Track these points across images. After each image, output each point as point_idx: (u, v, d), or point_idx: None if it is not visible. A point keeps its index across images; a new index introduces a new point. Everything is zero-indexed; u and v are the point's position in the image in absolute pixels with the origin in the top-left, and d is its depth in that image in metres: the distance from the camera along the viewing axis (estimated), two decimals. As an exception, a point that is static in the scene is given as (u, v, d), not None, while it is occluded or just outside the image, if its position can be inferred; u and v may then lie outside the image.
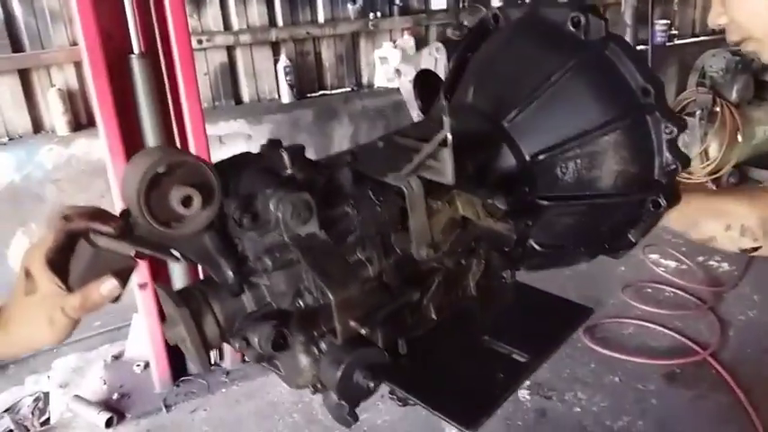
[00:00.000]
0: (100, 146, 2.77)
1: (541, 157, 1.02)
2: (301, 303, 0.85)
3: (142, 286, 2.81)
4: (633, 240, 1.12)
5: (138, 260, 0.79)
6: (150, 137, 2.72)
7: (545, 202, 1.04)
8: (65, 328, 0.80)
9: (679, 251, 3.95)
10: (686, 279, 3.75)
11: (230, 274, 0.81)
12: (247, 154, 0.94)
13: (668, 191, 1.04)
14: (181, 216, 0.77)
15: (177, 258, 0.81)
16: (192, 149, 2.79)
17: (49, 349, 3.36)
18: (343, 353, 0.78)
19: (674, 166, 1.02)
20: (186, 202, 0.76)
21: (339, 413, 0.85)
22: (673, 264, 3.93)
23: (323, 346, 0.86)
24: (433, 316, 1.03)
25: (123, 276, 0.79)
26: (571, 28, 1.04)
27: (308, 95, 4.14)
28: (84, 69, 3.10)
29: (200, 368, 0.84)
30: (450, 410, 0.94)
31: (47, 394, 2.97)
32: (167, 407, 2.89)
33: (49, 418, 2.81)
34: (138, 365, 3.04)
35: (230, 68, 3.86)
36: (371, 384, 0.80)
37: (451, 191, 0.88)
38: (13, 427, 2.70)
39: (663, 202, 1.04)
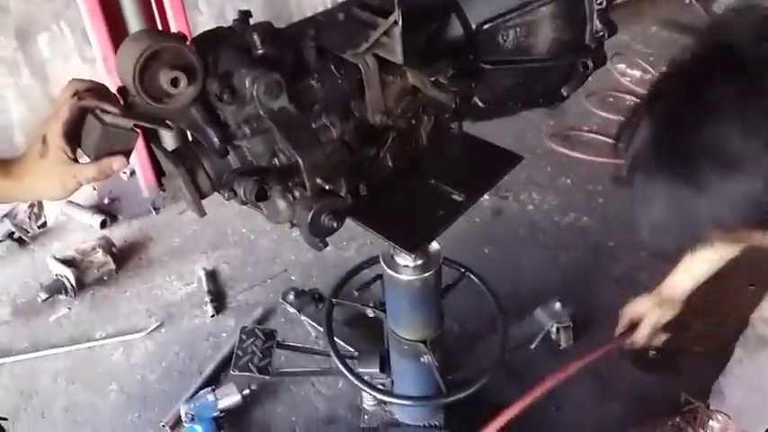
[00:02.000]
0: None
1: (486, 26, 1.14)
2: (277, 162, 1.03)
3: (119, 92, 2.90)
4: (565, 95, 1.29)
5: (138, 132, 0.95)
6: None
7: (487, 66, 1.18)
8: (72, 189, 0.97)
9: (646, 61, 4.04)
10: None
11: (216, 140, 0.97)
12: (221, 29, 1.04)
13: (596, 55, 1.19)
14: (170, 94, 0.91)
15: (171, 128, 0.96)
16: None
17: None
18: (312, 201, 0.99)
19: (602, 33, 1.16)
20: (174, 82, 0.90)
21: (311, 241, 1.09)
22: (638, 73, 4.04)
23: (296, 193, 1.06)
24: (390, 164, 1.23)
25: (128, 152, 0.95)
26: None
27: None
28: None
29: (197, 213, 1.04)
30: (396, 237, 1.18)
31: (40, 201, 3.20)
32: (156, 209, 3.16)
33: (45, 222, 3.07)
34: (125, 173, 3.23)
35: None
36: (335, 224, 1.02)
37: (402, 67, 1.01)
38: (13, 228, 2.96)
39: (590, 64, 1.19)
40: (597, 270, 2.71)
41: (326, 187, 0.97)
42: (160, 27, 2.87)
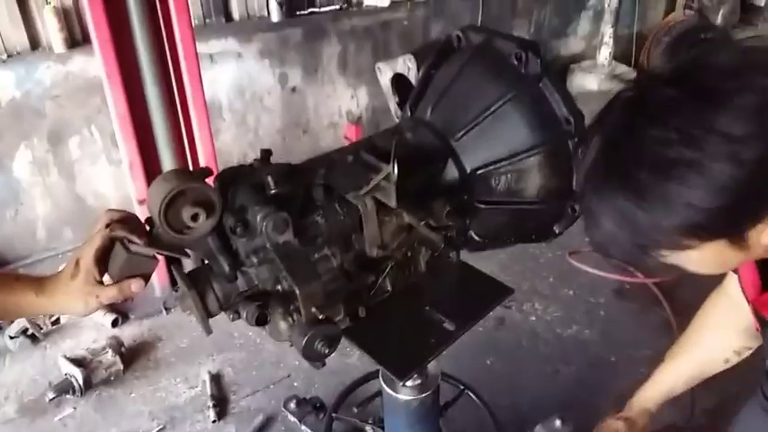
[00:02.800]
0: (95, 63, 2.92)
1: (479, 171, 1.26)
2: (279, 288, 1.12)
3: (141, 202, 3.06)
4: (558, 231, 1.38)
5: (158, 258, 1.05)
6: (144, 57, 2.85)
7: (481, 206, 1.29)
8: (94, 308, 1.09)
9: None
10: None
11: (226, 267, 1.07)
12: (243, 167, 1.17)
13: (583, 202, 1.29)
14: (190, 227, 1.02)
15: (188, 256, 1.07)
16: (184, 69, 2.94)
17: (54, 254, 3.68)
18: (306, 328, 1.06)
19: (587, 183, 1.27)
20: (195, 217, 1.01)
21: (310, 361, 1.15)
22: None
23: (296, 316, 1.14)
24: (389, 288, 1.31)
25: (148, 275, 1.06)
26: (514, 61, 1.25)
27: (298, 13, 4.18)
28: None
29: (205, 331, 1.12)
30: (388, 362, 1.25)
31: None
32: (167, 309, 3.25)
33: (58, 319, 3.15)
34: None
35: (221, -16, 3.90)
36: (327, 350, 1.09)
37: (397, 209, 1.12)
38: (28, 325, 3.03)
39: (578, 208, 1.29)
40: (598, 386, 2.71)
41: (321, 316, 1.05)
42: (184, 129, 3.05)
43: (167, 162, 3.02)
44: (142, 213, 3.09)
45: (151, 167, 3.00)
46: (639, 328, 3.09)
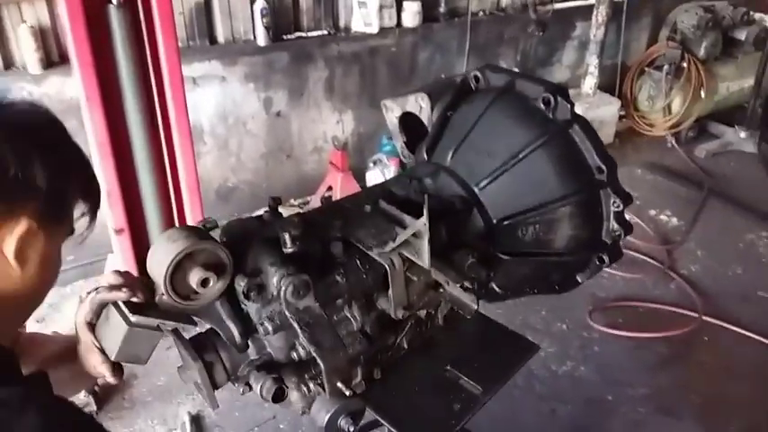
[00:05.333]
0: (73, 84, 2.77)
1: (506, 222, 1.17)
2: (295, 356, 1.01)
3: (119, 231, 2.91)
4: (580, 281, 1.30)
5: (162, 331, 0.93)
6: (126, 79, 2.72)
7: (505, 257, 1.20)
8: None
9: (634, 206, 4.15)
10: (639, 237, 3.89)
11: (238, 337, 0.96)
12: (250, 221, 1.07)
13: (612, 251, 1.21)
14: (198, 293, 0.91)
15: (195, 324, 0.95)
16: (168, 93, 2.82)
17: None
18: (329, 404, 0.95)
19: (618, 233, 1.19)
20: (204, 283, 0.90)
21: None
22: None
23: (311, 386, 1.03)
24: (405, 347, 1.21)
25: (150, 351, 0.94)
26: (542, 105, 1.17)
27: (284, 37, 4.09)
28: (61, 14, 3.04)
29: (210, 406, 1.00)
30: None
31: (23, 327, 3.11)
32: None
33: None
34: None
35: (206, 7, 3.77)
36: (352, 427, 0.98)
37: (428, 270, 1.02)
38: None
39: (607, 259, 1.21)
40: (596, 426, 2.64)
41: (346, 393, 0.94)
42: (167, 154, 2.89)
43: (147, 189, 2.88)
44: (120, 243, 2.97)
45: (130, 194, 2.85)
46: (635, 365, 3.03)
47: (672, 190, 4.65)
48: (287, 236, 0.96)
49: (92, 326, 0.94)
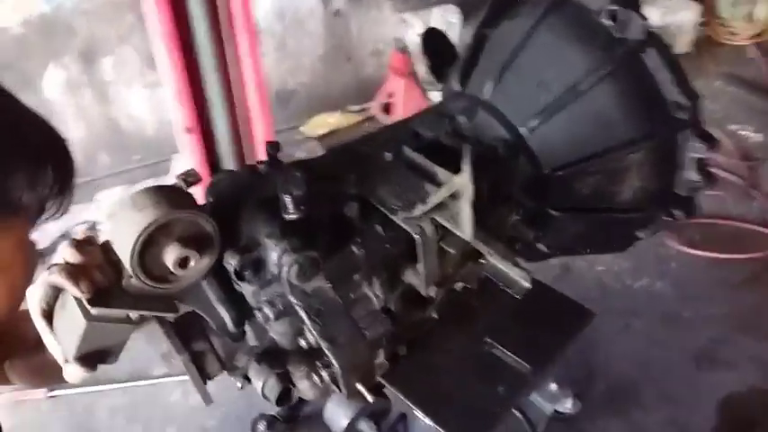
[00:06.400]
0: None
1: (559, 172, 0.95)
2: (304, 343, 0.82)
3: (188, 130, 2.72)
4: (641, 237, 1.09)
5: (134, 323, 0.74)
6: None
7: (557, 213, 0.99)
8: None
9: (713, 118, 3.82)
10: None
11: (231, 326, 0.77)
12: (241, 175, 0.86)
13: (686, 205, 0.99)
14: (177, 275, 0.71)
15: (176, 311, 0.76)
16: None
17: (89, 180, 3.41)
18: (347, 407, 0.78)
19: (698, 185, 0.97)
20: (183, 263, 0.70)
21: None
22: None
23: (324, 375, 0.85)
24: (435, 316, 1.01)
25: (119, 346, 0.75)
26: (607, 21, 0.92)
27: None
28: None
29: (204, 401, 0.83)
30: (449, 426, 0.94)
31: (95, 223, 3.04)
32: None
33: (99, 244, 2.90)
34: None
35: None
36: (373, 430, 0.80)
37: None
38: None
39: (680, 214, 1.00)
40: (673, 343, 2.48)
41: (366, 396, 0.76)
42: (228, 56, 2.63)
43: (214, 88, 2.66)
44: (190, 144, 2.81)
45: (197, 94, 2.63)
46: (713, 283, 2.81)
47: (754, 104, 4.24)
48: (288, 198, 0.75)
49: (47, 313, 0.75)
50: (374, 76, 4.11)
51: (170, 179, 0.81)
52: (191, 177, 0.81)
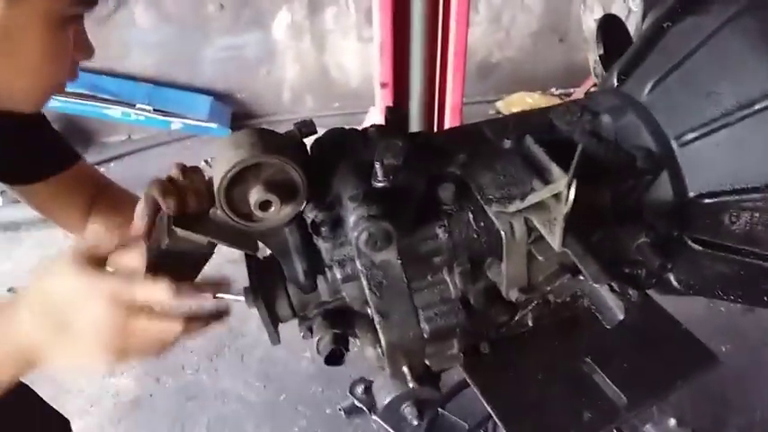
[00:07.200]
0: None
1: (708, 200, 0.81)
2: (370, 312, 0.81)
3: (383, 85, 2.89)
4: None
5: (210, 252, 0.79)
6: None
7: (697, 247, 0.85)
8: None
9: None
10: None
11: (302, 277, 0.78)
12: (353, 133, 0.85)
13: None
14: (258, 216, 0.74)
15: (256, 249, 0.79)
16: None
17: (293, 117, 3.69)
18: (392, 385, 0.76)
19: None
20: (264, 206, 0.72)
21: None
22: None
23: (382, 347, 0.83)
24: (530, 323, 0.95)
25: (194, 273, 0.80)
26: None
27: None
28: None
29: (272, 342, 0.86)
30: None
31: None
32: None
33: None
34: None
35: None
36: (416, 421, 0.78)
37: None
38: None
39: None
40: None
41: (410, 384, 0.73)
42: (441, 16, 2.69)
43: (417, 47, 2.77)
44: (383, 98, 2.99)
45: (400, 51, 2.77)
46: None
47: None
48: (379, 165, 0.73)
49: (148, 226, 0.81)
50: (585, 62, 3.88)
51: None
52: (305, 127, 0.83)
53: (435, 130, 2.91)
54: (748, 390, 2.15)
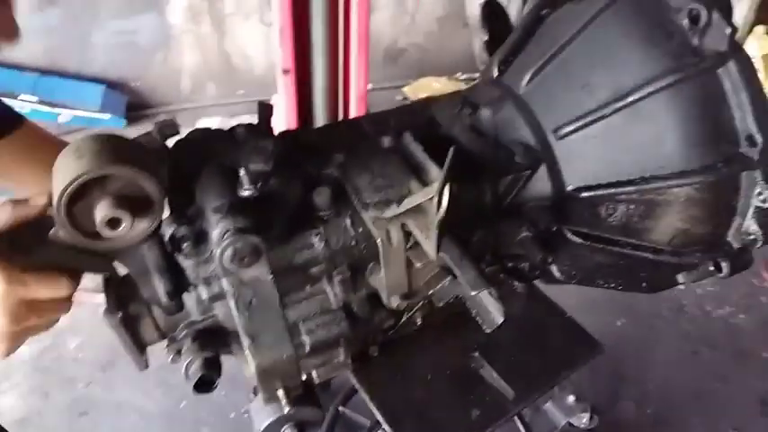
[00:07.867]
0: None
1: (586, 193, 0.80)
2: (246, 329, 0.76)
3: (286, 71, 2.77)
4: (681, 282, 0.92)
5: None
6: None
7: (577, 239, 0.85)
8: None
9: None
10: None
11: (165, 298, 0.71)
12: (221, 135, 0.78)
13: (737, 259, 0.81)
14: (107, 235, 0.66)
15: (111, 270, 0.72)
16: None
17: (194, 106, 3.63)
18: (272, 408, 0.71)
19: (753, 237, 0.79)
20: (113, 223, 0.65)
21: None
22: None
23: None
24: (418, 322, 0.92)
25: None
26: (685, 22, 0.74)
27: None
28: None
29: (138, 367, 0.79)
30: None
31: None
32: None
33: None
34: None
35: None
36: (300, 440, 0.73)
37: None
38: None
39: (726, 269, 0.82)
40: (741, 381, 2.26)
41: (284, 408, 0.68)
42: (342, 1, 2.60)
43: (318, 32, 2.68)
44: (286, 85, 2.87)
45: (301, 36, 2.68)
46: None
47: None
48: (245, 172, 0.67)
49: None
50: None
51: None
52: (168, 129, 0.75)
53: (341, 117, 2.86)
54: (642, 362, 2.27)
